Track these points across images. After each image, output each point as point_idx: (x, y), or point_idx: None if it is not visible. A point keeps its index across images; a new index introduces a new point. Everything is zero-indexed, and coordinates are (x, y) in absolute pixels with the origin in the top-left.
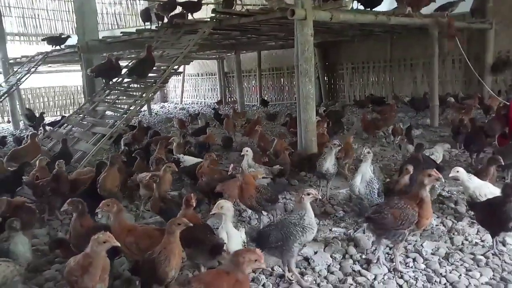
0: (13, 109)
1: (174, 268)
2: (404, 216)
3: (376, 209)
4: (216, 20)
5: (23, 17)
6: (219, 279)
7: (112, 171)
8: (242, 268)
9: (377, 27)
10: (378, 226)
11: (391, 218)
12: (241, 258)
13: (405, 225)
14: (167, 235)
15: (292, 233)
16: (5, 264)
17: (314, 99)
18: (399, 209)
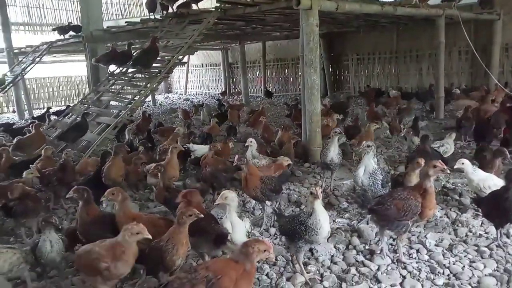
0: (18, 99)
1: (181, 257)
2: (407, 207)
3: (379, 201)
4: (221, 10)
5: (27, 7)
6: (227, 268)
7: (116, 161)
8: (251, 258)
9: (383, 17)
10: (381, 217)
11: (394, 209)
12: (250, 248)
13: (408, 216)
14: (177, 225)
15: (297, 231)
16: (11, 251)
17: (319, 90)
18: (402, 200)
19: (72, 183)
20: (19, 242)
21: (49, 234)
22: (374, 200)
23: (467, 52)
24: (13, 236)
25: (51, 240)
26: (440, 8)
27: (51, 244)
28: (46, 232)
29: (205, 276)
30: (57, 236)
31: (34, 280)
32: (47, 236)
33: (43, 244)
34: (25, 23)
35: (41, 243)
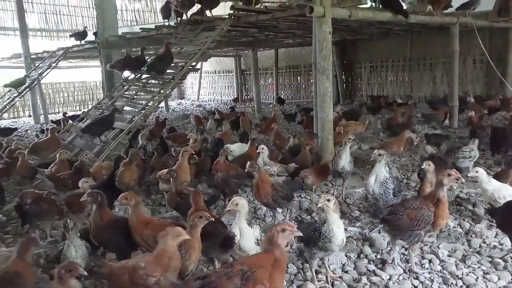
0: (34, 103)
1: (194, 262)
2: (419, 216)
3: (391, 210)
4: (234, 17)
5: (45, 13)
6: (260, 260)
7: (130, 166)
8: (276, 242)
9: (396, 25)
10: (394, 227)
11: (406, 219)
12: (270, 233)
13: (420, 225)
14: (189, 229)
15: (311, 237)
16: None
17: (331, 97)
18: (415, 210)
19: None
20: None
21: (73, 239)
22: (386, 210)
23: (482, 60)
24: None
25: (75, 245)
26: (454, 16)
27: (75, 249)
28: (71, 237)
29: (241, 270)
30: (81, 241)
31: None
32: (71, 241)
33: (67, 249)
34: (42, 29)
35: (65, 249)
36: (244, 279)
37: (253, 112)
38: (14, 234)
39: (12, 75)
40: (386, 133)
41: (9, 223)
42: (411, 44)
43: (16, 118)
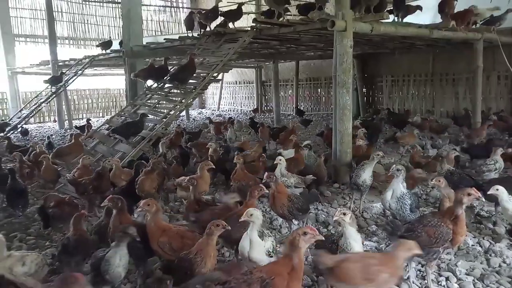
0: (59, 109)
1: (209, 269)
2: (438, 234)
3: (409, 227)
4: (256, 29)
5: (73, 22)
6: (279, 268)
7: (151, 174)
8: (297, 246)
9: (419, 40)
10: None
11: (425, 236)
12: (291, 236)
13: (439, 243)
14: (206, 237)
15: (329, 250)
16: (35, 254)
17: (351, 110)
18: (433, 227)
19: (106, 193)
20: (54, 246)
21: (120, 247)
22: (403, 227)
23: (506, 77)
24: (48, 240)
25: (121, 254)
26: (478, 31)
27: (120, 257)
28: (120, 245)
29: (260, 277)
30: (125, 251)
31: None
32: (119, 249)
33: (113, 256)
34: (70, 37)
35: (110, 255)
36: (263, 287)
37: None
38: (36, 235)
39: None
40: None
41: (31, 224)
42: (434, 59)
43: (41, 123)
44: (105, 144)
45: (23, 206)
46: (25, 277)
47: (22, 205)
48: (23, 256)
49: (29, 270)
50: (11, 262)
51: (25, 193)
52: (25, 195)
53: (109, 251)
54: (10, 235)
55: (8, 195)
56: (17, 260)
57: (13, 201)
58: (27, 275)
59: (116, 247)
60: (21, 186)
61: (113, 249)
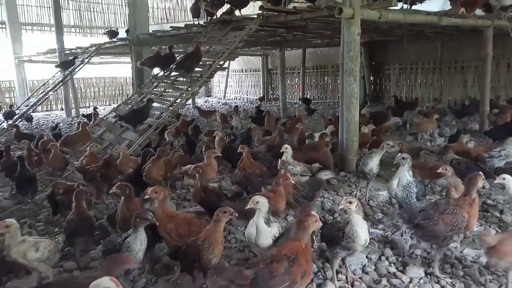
0: (66, 97)
1: (216, 256)
2: (454, 221)
3: (425, 215)
4: (263, 17)
5: (79, 10)
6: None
7: (158, 162)
8: (308, 230)
9: (427, 27)
10: (428, 232)
11: (442, 224)
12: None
13: (455, 230)
14: (213, 223)
15: (335, 237)
16: (48, 240)
17: (358, 98)
18: (450, 215)
19: (114, 180)
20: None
21: (141, 232)
22: (420, 215)
23: None
24: (57, 227)
25: (141, 239)
26: (488, 18)
27: (140, 243)
28: (139, 230)
29: (285, 254)
30: (144, 234)
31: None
32: (140, 233)
33: (134, 241)
34: (76, 25)
35: (131, 241)
36: (290, 261)
37: (278, 111)
38: (45, 222)
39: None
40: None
41: (41, 211)
42: (442, 46)
43: (49, 111)
44: (112, 132)
45: (32, 193)
46: (38, 263)
47: (31, 192)
48: (36, 242)
49: (42, 256)
50: (25, 247)
51: (34, 180)
52: (34, 182)
53: (128, 237)
54: (20, 221)
55: (17, 182)
56: (31, 245)
57: (22, 188)
58: (39, 261)
59: (135, 232)
60: (30, 173)
61: (132, 234)
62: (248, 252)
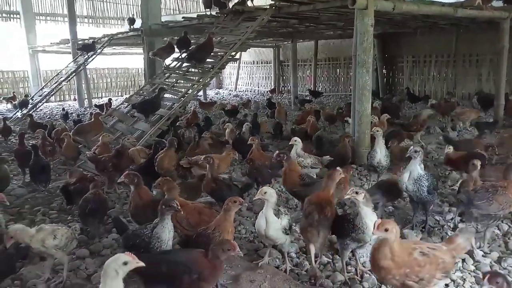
0: (79, 88)
1: None
2: (505, 201)
3: (481, 197)
4: (275, 7)
5: (92, 1)
6: (324, 193)
7: (170, 152)
8: (335, 179)
9: (442, 19)
10: (483, 211)
11: (496, 204)
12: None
13: (505, 210)
14: (223, 213)
15: (345, 229)
16: (66, 227)
17: (370, 90)
18: (502, 195)
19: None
20: (76, 220)
21: (168, 222)
22: (476, 196)
23: None
24: (70, 215)
25: (169, 228)
26: (505, 10)
27: (168, 231)
28: (165, 218)
29: (320, 203)
30: (172, 224)
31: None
32: (166, 223)
33: (162, 231)
34: (89, 16)
35: (159, 231)
36: (326, 207)
37: (290, 104)
38: (58, 210)
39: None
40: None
41: (54, 199)
42: (457, 39)
43: (62, 101)
44: (124, 122)
45: (46, 181)
46: (56, 250)
47: (45, 180)
48: (54, 230)
49: (59, 243)
50: (43, 234)
51: (47, 169)
52: (47, 170)
53: (155, 228)
54: (34, 209)
55: (31, 170)
56: (48, 233)
57: (36, 176)
58: (57, 248)
59: (162, 221)
60: (44, 162)
61: (159, 224)
62: (258, 243)
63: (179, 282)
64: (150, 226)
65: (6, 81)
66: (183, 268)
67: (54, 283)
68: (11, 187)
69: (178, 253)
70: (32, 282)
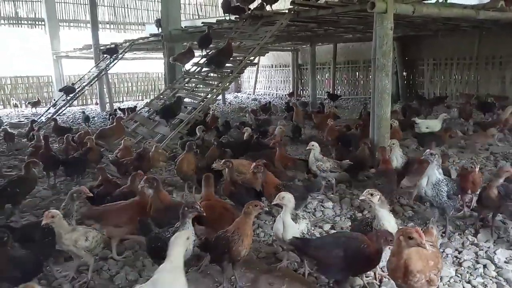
0: (101, 92)
1: (246, 248)
2: None
3: None
4: (294, 12)
5: (113, 7)
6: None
7: (188, 156)
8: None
9: (463, 21)
10: None
11: None
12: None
13: None
14: (243, 216)
15: (364, 232)
16: (95, 231)
17: (390, 94)
18: None
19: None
20: None
21: (189, 224)
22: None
23: None
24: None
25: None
26: None
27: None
28: (187, 222)
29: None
30: (192, 226)
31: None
32: (188, 226)
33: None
34: (111, 21)
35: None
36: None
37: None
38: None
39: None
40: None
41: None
42: (480, 41)
43: (84, 105)
44: (145, 126)
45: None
46: (85, 252)
47: (79, 173)
48: (86, 232)
49: (90, 245)
50: (77, 235)
51: (83, 163)
52: (83, 164)
53: (176, 231)
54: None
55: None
56: (81, 234)
57: (71, 170)
58: (87, 250)
59: (183, 225)
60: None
61: (180, 227)
62: (277, 246)
63: (360, 254)
64: (171, 229)
65: (31, 86)
66: (359, 243)
67: (78, 283)
68: (37, 189)
69: (345, 233)
70: (57, 282)
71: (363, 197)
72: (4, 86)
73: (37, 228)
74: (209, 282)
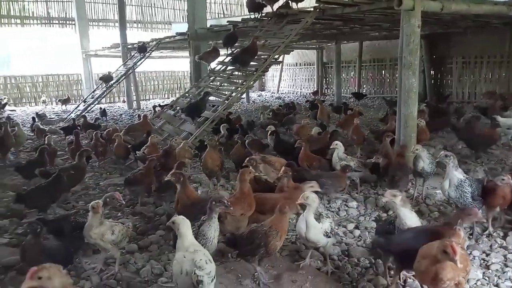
0: (128, 90)
1: (281, 243)
2: None
3: None
4: (319, 10)
5: (141, 6)
6: None
7: (213, 152)
8: None
9: (494, 18)
10: None
11: None
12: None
13: None
14: (280, 214)
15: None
16: (122, 224)
17: (416, 93)
18: None
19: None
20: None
21: (215, 219)
22: None
23: None
24: (120, 211)
25: (215, 228)
26: None
27: (214, 230)
28: (213, 217)
29: None
30: (217, 221)
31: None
32: (214, 221)
33: (208, 229)
34: (138, 21)
35: (205, 229)
36: None
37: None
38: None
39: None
40: None
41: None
42: (511, 39)
43: (112, 103)
44: (171, 124)
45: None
46: (112, 245)
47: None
48: (112, 226)
49: (116, 238)
50: (104, 229)
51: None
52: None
53: (202, 225)
54: (87, 205)
55: None
56: (108, 228)
57: None
58: (113, 243)
59: (209, 220)
60: None
61: (206, 221)
62: (300, 244)
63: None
64: (197, 224)
65: (62, 83)
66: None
67: (106, 275)
68: None
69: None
70: (86, 273)
71: (386, 198)
72: (36, 84)
73: (67, 221)
74: (232, 277)
